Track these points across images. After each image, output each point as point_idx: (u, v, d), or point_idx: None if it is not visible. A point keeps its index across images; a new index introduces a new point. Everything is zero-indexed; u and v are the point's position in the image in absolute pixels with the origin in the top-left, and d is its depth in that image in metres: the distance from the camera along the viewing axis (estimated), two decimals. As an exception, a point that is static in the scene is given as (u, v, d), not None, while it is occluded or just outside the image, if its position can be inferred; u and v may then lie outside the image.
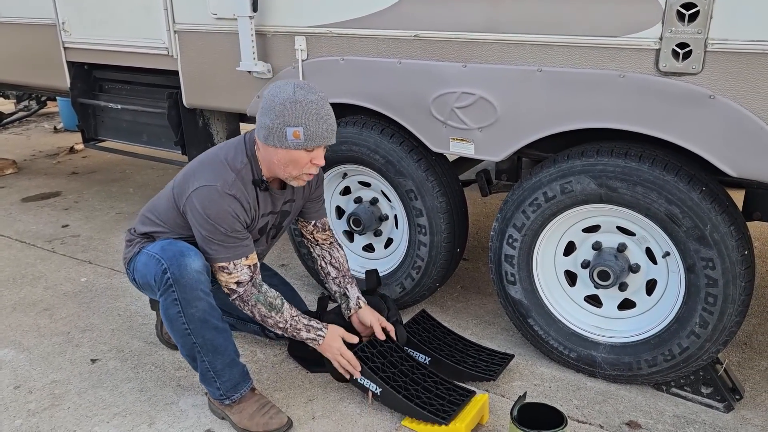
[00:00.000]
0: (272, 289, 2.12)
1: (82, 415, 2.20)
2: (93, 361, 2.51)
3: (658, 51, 1.91)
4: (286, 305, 2.12)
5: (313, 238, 2.41)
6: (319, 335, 2.13)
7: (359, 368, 2.13)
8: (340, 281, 2.38)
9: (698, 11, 1.81)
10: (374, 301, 2.50)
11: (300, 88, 1.92)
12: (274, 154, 1.98)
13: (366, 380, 2.14)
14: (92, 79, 3.71)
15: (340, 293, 2.38)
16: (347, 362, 2.13)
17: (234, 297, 2.08)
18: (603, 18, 1.96)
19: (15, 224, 4.01)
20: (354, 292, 2.36)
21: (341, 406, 2.22)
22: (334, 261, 2.40)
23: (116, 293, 3.05)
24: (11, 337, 2.69)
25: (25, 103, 6.79)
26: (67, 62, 3.58)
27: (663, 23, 1.88)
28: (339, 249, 2.43)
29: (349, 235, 2.92)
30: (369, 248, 2.90)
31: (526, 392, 1.98)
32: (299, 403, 2.24)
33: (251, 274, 2.07)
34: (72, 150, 5.78)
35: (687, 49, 1.86)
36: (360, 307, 2.33)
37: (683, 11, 1.83)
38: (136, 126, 3.56)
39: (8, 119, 6.16)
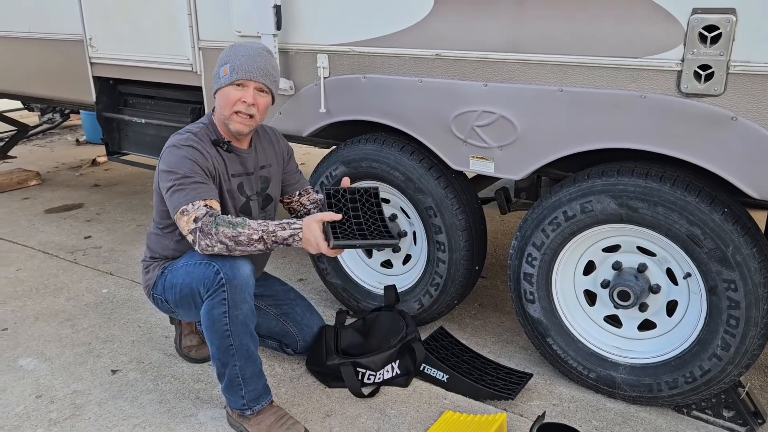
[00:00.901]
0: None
1: (103, 425, 2.22)
2: (113, 371, 2.54)
3: (679, 72, 1.91)
4: (249, 219, 2.02)
5: (301, 205, 2.47)
6: (295, 228, 1.98)
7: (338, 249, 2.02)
8: (317, 203, 2.46)
9: (720, 33, 1.82)
10: (392, 317, 2.51)
11: (243, 41, 2.08)
12: (217, 100, 2.13)
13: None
14: (117, 94, 3.78)
15: (318, 205, 2.44)
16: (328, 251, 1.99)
17: (196, 237, 1.96)
18: (624, 39, 1.98)
19: (38, 235, 4.07)
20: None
21: (359, 421, 2.22)
22: (312, 201, 2.46)
23: (137, 305, 3.08)
24: (34, 346, 2.73)
25: (49, 115, 6.94)
26: (93, 77, 3.66)
27: (685, 45, 1.88)
28: (316, 192, 2.51)
29: (368, 251, 2.93)
30: (387, 264, 2.91)
31: (545, 412, 1.97)
32: (317, 418, 2.25)
33: (207, 210, 1.99)
34: (94, 162, 5.87)
35: (709, 71, 1.86)
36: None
37: (705, 33, 1.84)
38: (160, 140, 3.61)
39: (32, 131, 6.28)
